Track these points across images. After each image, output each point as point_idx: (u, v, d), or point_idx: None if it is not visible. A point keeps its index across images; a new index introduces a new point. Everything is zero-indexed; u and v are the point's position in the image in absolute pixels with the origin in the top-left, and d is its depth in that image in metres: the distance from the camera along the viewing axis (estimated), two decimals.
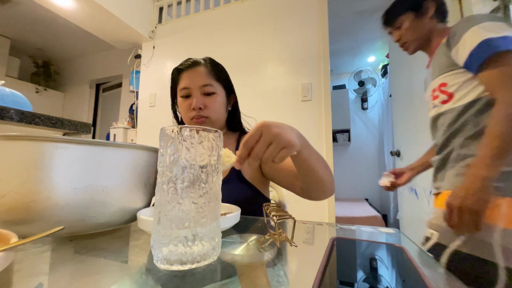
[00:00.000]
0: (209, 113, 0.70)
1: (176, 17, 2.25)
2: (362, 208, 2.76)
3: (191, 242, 0.25)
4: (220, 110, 0.73)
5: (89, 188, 0.34)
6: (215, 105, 0.71)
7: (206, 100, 0.70)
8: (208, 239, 0.26)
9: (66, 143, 0.32)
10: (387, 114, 2.88)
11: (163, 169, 0.26)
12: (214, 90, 0.71)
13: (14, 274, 0.24)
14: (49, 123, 0.82)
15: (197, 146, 0.26)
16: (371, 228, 0.44)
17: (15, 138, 0.31)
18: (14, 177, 0.31)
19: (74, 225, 0.34)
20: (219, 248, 0.28)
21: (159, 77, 2.23)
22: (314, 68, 1.68)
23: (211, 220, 0.27)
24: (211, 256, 0.26)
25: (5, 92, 0.79)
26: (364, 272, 0.26)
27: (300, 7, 1.76)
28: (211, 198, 0.27)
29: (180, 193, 0.25)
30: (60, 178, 0.32)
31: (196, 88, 0.70)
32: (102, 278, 0.25)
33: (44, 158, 0.31)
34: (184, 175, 0.25)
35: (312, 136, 1.63)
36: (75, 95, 3.69)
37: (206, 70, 0.72)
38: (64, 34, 3.06)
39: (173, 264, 0.24)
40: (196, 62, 0.73)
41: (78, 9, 1.91)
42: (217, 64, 0.76)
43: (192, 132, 0.26)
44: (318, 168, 0.48)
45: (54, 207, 0.32)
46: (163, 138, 0.27)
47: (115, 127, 2.57)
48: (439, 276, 0.27)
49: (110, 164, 0.37)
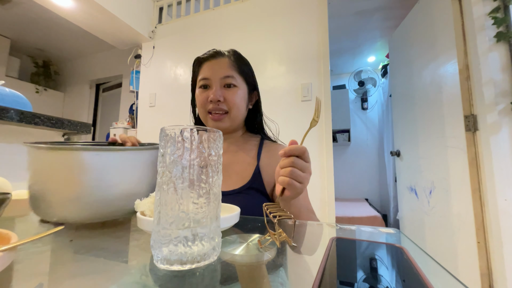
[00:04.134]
0: (229, 106, 0.65)
1: (176, 17, 2.25)
2: (362, 208, 2.76)
3: (191, 242, 0.25)
4: (240, 105, 0.67)
5: (118, 185, 0.42)
6: (235, 99, 0.65)
7: (226, 92, 0.65)
8: (208, 239, 0.26)
9: (99, 151, 0.39)
10: (387, 114, 2.88)
11: (163, 169, 0.26)
12: (235, 82, 0.66)
13: (14, 274, 0.24)
14: (49, 123, 0.82)
15: (197, 147, 0.26)
16: (371, 228, 0.44)
17: (58, 148, 0.39)
18: (61, 179, 0.39)
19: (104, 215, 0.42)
20: (219, 248, 0.28)
21: (159, 77, 2.23)
22: (314, 68, 1.68)
23: (211, 220, 0.27)
24: (211, 256, 0.26)
25: (5, 92, 0.79)
26: (364, 272, 0.26)
27: (300, 7, 1.76)
28: (211, 198, 0.27)
29: (180, 193, 0.25)
30: (95, 180, 0.39)
31: (217, 80, 0.65)
32: (102, 278, 0.25)
33: (84, 164, 0.39)
34: (184, 175, 0.25)
35: (312, 136, 1.63)
36: (75, 95, 3.69)
37: (229, 61, 0.68)
38: (64, 34, 3.06)
39: (173, 264, 0.25)
40: (219, 53, 0.69)
41: (78, 9, 1.91)
42: (241, 56, 0.72)
43: (192, 132, 0.26)
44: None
45: (93, 203, 0.39)
46: (163, 138, 0.27)
47: (115, 127, 2.57)
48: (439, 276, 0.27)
49: (132, 164, 0.44)
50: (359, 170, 3.52)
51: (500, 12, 1.16)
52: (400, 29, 1.98)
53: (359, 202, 3.11)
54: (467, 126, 1.25)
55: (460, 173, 1.29)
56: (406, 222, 1.95)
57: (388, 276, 0.25)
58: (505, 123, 1.13)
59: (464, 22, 1.29)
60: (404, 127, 1.98)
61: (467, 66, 1.27)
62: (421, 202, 1.68)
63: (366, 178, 3.48)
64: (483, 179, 1.18)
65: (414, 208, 1.79)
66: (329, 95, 1.62)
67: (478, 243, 1.18)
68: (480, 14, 1.20)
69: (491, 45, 1.17)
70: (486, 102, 1.16)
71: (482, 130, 1.19)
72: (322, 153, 1.58)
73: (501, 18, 1.15)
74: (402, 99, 2.03)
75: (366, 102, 3.57)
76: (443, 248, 1.44)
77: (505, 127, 1.13)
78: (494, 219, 1.12)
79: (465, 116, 1.26)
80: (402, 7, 2.26)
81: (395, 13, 2.40)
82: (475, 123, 1.22)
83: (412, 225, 1.84)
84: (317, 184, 1.56)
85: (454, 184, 1.35)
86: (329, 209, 1.52)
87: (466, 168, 1.24)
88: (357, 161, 3.54)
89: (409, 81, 1.88)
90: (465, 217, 1.26)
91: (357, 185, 3.50)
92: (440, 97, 1.47)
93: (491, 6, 1.18)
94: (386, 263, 0.29)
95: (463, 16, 1.30)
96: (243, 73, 0.69)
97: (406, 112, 1.94)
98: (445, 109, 1.43)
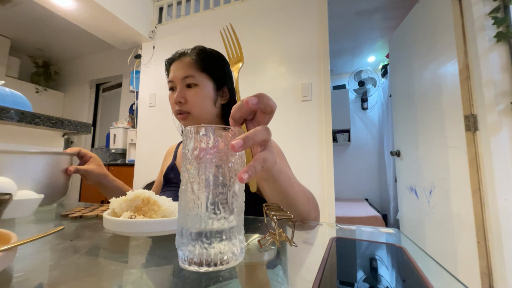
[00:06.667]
0: (189, 107, 0.65)
1: (176, 17, 2.25)
2: (362, 208, 2.75)
3: (207, 244, 0.24)
4: (203, 104, 0.66)
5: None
6: (196, 99, 0.65)
7: (187, 93, 0.66)
8: (227, 242, 0.25)
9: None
10: (387, 114, 2.88)
11: (182, 169, 0.26)
12: (196, 81, 0.66)
13: (14, 274, 0.24)
14: (49, 123, 0.82)
15: (213, 146, 0.26)
16: (371, 228, 0.44)
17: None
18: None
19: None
20: (241, 253, 0.26)
21: (159, 77, 2.23)
22: (314, 68, 1.68)
23: (230, 222, 0.26)
24: (231, 261, 0.25)
25: (5, 92, 0.79)
26: (364, 272, 0.26)
27: (300, 7, 1.77)
28: (229, 199, 0.26)
29: (197, 194, 0.25)
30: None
31: (178, 81, 0.66)
32: (102, 278, 0.25)
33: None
34: (201, 175, 0.25)
35: (312, 136, 1.63)
36: (75, 95, 3.69)
37: (190, 60, 0.67)
38: (64, 34, 3.06)
39: (191, 264, 0.24)
40: (183, 53, 0.69)
41: (78, 9, 1.91)
42: (206, 52, 0.70)
43: (207, 131, 0.25)
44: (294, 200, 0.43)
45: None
46: (185, 138, 0.27)
47: (115, 127, 2.57)
48: (439, 276, 0.27)
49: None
50: (359, 170, 3.52)
51: (500, 12, 1.16)
52: (400, 29, 1.98)
53: (359, 202, 3.11)
54: (467, 126, 1.25)
55: (460, 173, 1.29)
56: (406, 222, 1.95)
57: (388, 276, 0.25)
58: (505, 123, 1.13)
59: (464, 22, 1.29)
60: (404, 127, 1.98)
61: (467, 66, 1.27)
62: (421, 202, 1.68)
63: (366, 178, 3.48)
64: (483, 179, 1.18)
65: (414, 208, 1.79)
66: (329, 95, 1.63)
67: (478, 243, 1.18)
68: (480, 14, 1.20)
69: (491, 45, 1.17)
70: (486, 102, 1.16)
71: (482, 130, 1.19)
72: (322, 153, 1.58)
73: (501, 18, 1.15)
74: (402, 99, 2.03)
75: (366, 102, 3.57)
76: (443, 248, 1.44)
77: (505, 127, 1.13)
78: (494, 219, 1.12)
79: (465, 116, 1.26)
80: (402, 7, 2.26)
81: (395, 13, 2.40)
82: (475, 123, 1.22)
83: (412, 225, 1.84)
84: (317, 184, 1.56)
85: (454, 184, 1.35)
86: (329, 209, 1.52)
87: (466, 168, 1.24)
88: (357, 161, 3.54)
89: (409, 81, 1.88)
90: (465, 217, 1.26)
91: (357, 185, 3.50)
92: (440, 97, 1.47)
93: (491, 6, 1.18)
94: (386, 263, 0.29)
95: (463, 16, 1.30)
96: (207, 70, 0.68)
97: (406, 112, 1.94)
98: (445, 109, 1.43)
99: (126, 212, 0.36)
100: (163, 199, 0.39)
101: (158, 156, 1.95)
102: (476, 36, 1.20)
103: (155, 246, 0.34)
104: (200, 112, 0.66)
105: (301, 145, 1.64)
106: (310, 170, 1.59)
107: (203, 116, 0.67)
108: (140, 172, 2.20)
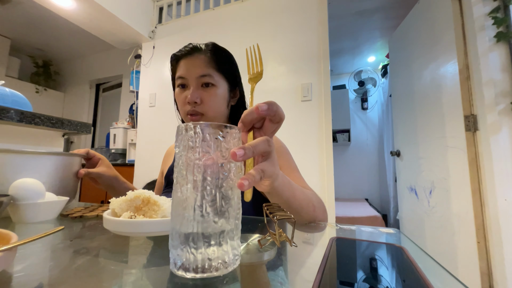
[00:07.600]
0: (205, 109, 0.62)
1: (176, 17, 2.25)
2: (362, 208, 2.75)
3: (194, 249, 0.23)
4: (218, 105, 0.64)
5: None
6: (212, 100, 0.62)
7: (203, 93, 0.62)
8: (217, 248, 0.24)
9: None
10: (387, 114, 2.88)
11: (175, 169, 0.25)
12: (213, 81, 0.62)
13: (14, 274, 0.24)
14: (49, 123, 0.82)
15: (201, 145, 0.24)
16: (371, 228, 0.44)
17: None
18: None
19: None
20: (235, 260, 0.25)
21: (159, 77, 2.23)
22: (314, 68, 1.68)
23: (219, 226, 0.24)
24: (220, 268, 0.24)
25: (5, 92, 0.79)
26: (364, 272, 0.26)
27: (300, 7, 1.77)
28: (218, 201, 0.24)
29: (185, 194, 0.24)
30: None
31: (193, 79, 0.62)
32: (102, 278, 0.25)
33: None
34: (193, 177, 0.24)
35: (312, 136, 1.63)
36: (75, 95, 3.69)
37: (205, 58, 0.63)
38: (64, 34, 3.06)
39: (179, 269, 0.24)
40: (196, 48, 0.64)
41: (78, 9, 1.91)
42: (221, 50, 0.66)
43: (197, 129, 0.24)
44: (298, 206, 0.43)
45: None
46: (177, 136, 0.26)
47: (115, 127, 2.57)
48: (439, 276, 0.27)
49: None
50: (359, 170, 3.52)
51: (500, 12, 1.16)
52: (400, 29, 1.98)
53: (359, 202, 3.11)
54: (467, 126, 1.25)
55: (460, 173, 1.29)
56: (406, 222, 1.95)
57: (388, 276, 0.25)
58: (505, 123, 1.13)
59: (464, 22, 1.29)
60: (404, 127, 1.98)
61: (467, 66, 1.27)
62: (421, 202, 1.68)
63: (366, 178, 3.48)
64: (483, 179, 1.18)
65: (414, 208, 1.79)
66: (329, 95, 1.62)
67: (478, 243, 1.18)
68: (480, 14, 1.20)
69: (491, 45, 1.17)
70: (486, 102, 1.16)
71: (482, 130, 1.19)
72: (322, 153, 1.58)
73: (501, 18, 1.15)
74: (402, 99, 2.03)
75: (366, 102, 3.57)
76: (443, 248, 1.44)
77: (505, 127, 1.13)
78: (494, 219, 1.12)
79: (465, 116, 1.26)
80: (402, 7, 2.26)
81: (395, 13, 2.40)
82: (475, 123, 1.22)
83: (412, 225, 1.84)
84: (317, 184, 1.56)
85: (454, 184, 1.35)
86: (329, 209, 1.52)
87: (466, 168, 1.24)
88: (357, 161, 3.54)
89: (409, 81, 1.88)
90: (465, 217, 1.26)
91: (357, 185, 3.50)
92: (440, 97, 1.47)
93: (491, 6, 1.18)
94: (386, 263, 0.29)
95: (463, 16, 1.30)
96: (222, 70, 0.64)
97: (406, 112, 1.94)
98: (445, 109, 1.43)
99: (126, 212, 0.36)
100: (163, 199, 0.39)
101: (158, 156, 1.95)
102: (476, 36, 1.20)
103: (155, 246, 0.34)
104: (214, 114, 0.63)
105: (301, 145, 1.64)
106: (310, 170, 1.59)
107: (217, 119, 0.64)
108: (140, 172, 2.20)
